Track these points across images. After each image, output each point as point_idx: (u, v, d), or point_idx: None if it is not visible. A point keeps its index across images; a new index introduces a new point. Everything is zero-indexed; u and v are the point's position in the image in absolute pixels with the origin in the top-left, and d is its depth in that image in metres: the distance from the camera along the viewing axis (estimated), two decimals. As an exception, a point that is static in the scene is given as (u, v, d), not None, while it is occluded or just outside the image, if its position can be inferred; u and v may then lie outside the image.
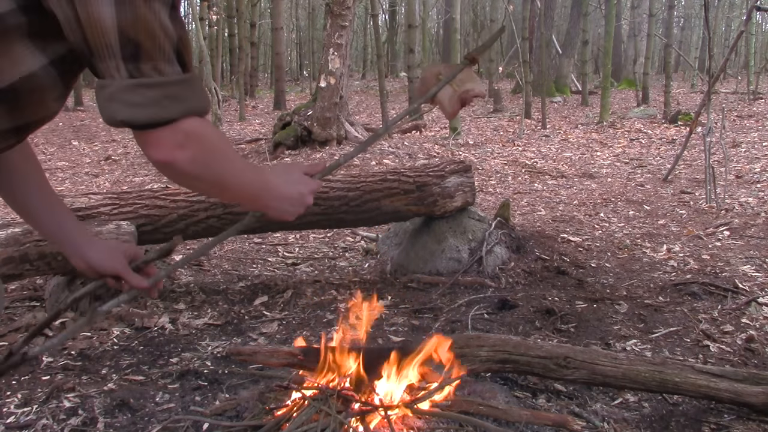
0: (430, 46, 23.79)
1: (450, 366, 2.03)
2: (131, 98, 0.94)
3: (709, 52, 7.29)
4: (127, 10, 0.91)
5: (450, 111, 1.42)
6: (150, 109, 0.94)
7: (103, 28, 0.92)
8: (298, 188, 1.17)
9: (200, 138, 1.00)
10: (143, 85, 0.94)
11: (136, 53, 0.93)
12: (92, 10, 0.91)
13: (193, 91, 0.99)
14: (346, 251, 4.52)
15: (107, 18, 0.91)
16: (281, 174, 1.18)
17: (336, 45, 8.81)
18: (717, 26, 23.24)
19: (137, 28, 0.92)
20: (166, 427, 2.05)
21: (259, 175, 1.13)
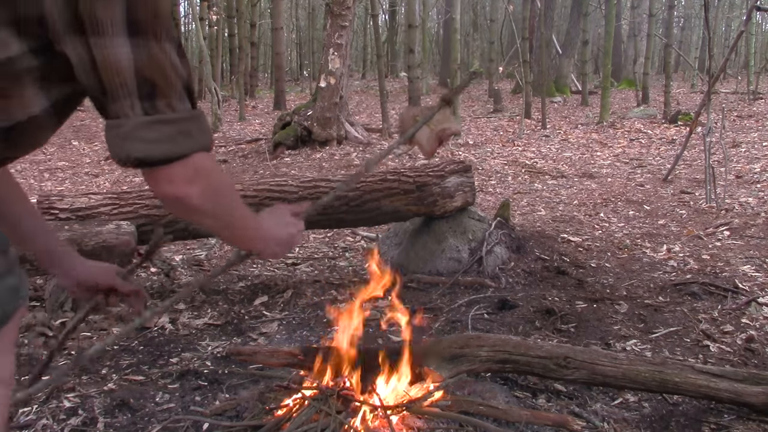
0: (430, 46, 23.81)
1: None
2: (147, 135, 0.97)
3: (709, 52, 7.28)
4: (142, 51, 0.95)
5: (428, 150, 1.50)
6: (165, 145, 0.98)
7: (120, 69, 0.95)
8: (287, 230, 1.24)
9: (208, 173, 1.04)
10: (159, 122, 0.98)
11: (151, 92, 0.97)
12: (109, 51, 0.94)
13: (201, 127, 1.04)
14: (346, 251, 4.52)
15: (124, 59, 0.95)
16: (271, 217, 1.24)
17: (336, 45, 8.82)
18: (717, 26, 23.25)
19: (152, 67, 0.96)
20: (166, 427, 2.05)
21: (256, 220, 1.19)
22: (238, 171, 8.08)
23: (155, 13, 0.98)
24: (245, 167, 8.31)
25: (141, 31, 0.96)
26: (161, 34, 0.98)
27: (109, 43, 0.94)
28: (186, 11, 27.68)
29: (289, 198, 3.45)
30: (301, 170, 7.81)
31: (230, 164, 8.54)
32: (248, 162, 8.63)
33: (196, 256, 4.29)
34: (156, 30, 0.97)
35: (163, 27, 0.99)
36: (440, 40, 26.43)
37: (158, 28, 0.98)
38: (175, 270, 3.93)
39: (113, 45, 0.94)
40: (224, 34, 17.87)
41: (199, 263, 4.14)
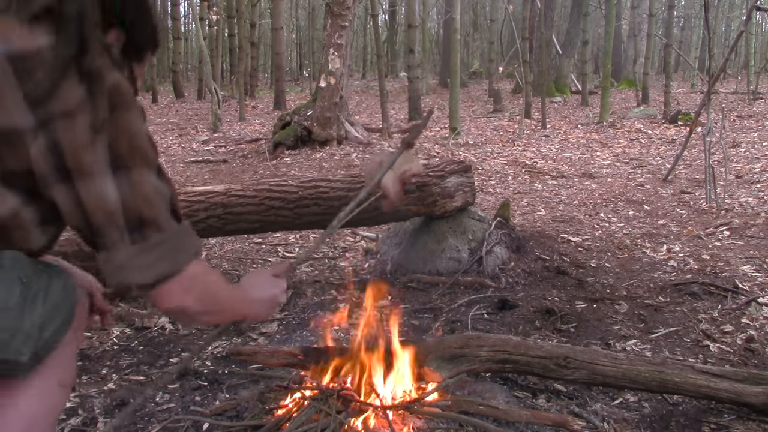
0: (430, 46, 23.81)
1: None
2: (140, 262, 1.02)
3: (709, 52, 7.28)
4: (126, 185, 1.00)
5: (393, 193, 1.57)
6: (158, 267, 1.04)
7: (107, 208, 1.00)
8: (270, 291, 1.30)
9: (202, 278, 1.10)
10: (149, 248, 1.03)
11: (139, 223, 1.02)
12: (95, 192, 0.99)
13: (188, 238, 1.09)
14: (346, 251, 4.52)
15: (110, 197, 0.99)
16: (253, 282, 1.30)
17: (336, 45, 8.82)
18: (717, 26, 23.25)
19: (137, 199, 1.01)
20: (166, 427, 2.05)
21: (241, 291, 1.26)
22: (238, 171, 8.08)
23: (134, 145, 1.02)
24: (245, 167, 8.31)
25: (123, 165, 1.00)
26: (141, 162, 1.03)
27: (95, 184, 0.99)
28: (186, 11, 27.70)
29: (289, 198, 3.45)
30: (301, 170, 7.81)
31: (230, 164, 8.54)
32: (248, 162, 8.64)
33: (196, 256, 4.29)
34: (136, 160, 1.02)
35: (143, 155, 1.03)
36: (440, 40, 26.42)
37: (138, 158, 1.02)
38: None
39: (99, 184, 0.99)
40: (224, 34, 17.88)
41: (199, 263, 4.14)
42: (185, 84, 21.92)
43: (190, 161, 8.71)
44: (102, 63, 1.00)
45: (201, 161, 8.69)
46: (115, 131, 1.00)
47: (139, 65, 1.18)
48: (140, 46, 1.15)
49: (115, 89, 1.01)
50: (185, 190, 3.48)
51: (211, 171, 8.13)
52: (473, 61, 25.88)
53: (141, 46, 1.15)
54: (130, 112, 1.03)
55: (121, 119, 1.01)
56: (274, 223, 3.55)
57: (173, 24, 20.55)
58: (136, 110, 1.05)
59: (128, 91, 1.04)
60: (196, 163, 8.59)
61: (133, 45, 1.12)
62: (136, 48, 1.14)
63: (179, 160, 8.87)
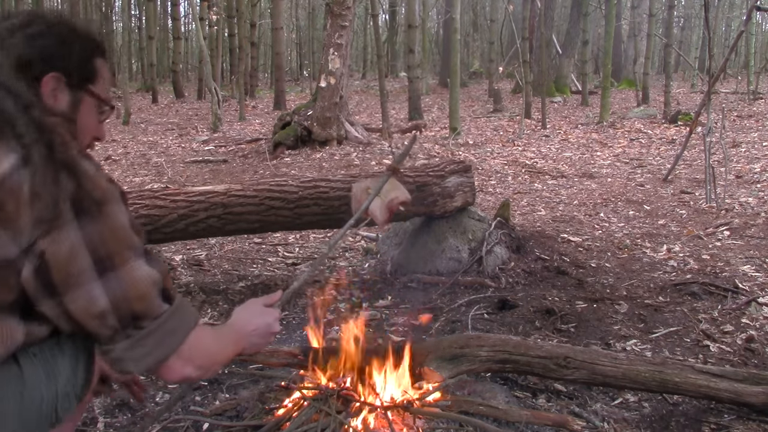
0: (430, 46, 23.81)
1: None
2: (136, 353, 1.05)
3: (709, 52, 7.28)
4: (114, 285, 1.01)
5: (381, 220, 1.59)
6: (155, 354, 1.06)
7: (97, 313, 1.01)
8: (264, 320, 1.31)
9: (200, 345, 1.12)
10: (143, 337, 1.04)
11: (132, 319, 1.03)
12: (83, 302, 1.00)
13: (183, 316, 1.11)
14: (346, 251, 4.52)
15: (100, 303, 1.00)
16: (245, 315, 1.31)
17: (336, 45, 8.82)
18: (717, 26, 23.25)
19: (128, 296, 1.02)
20: (166, 427, 2.05)
21: (235, 331, 1.26)
22: (238, 171, 8.08)
23: (117, 241, 1.03)
24: (245, 167, 8.31)
25: (108, 267, 1.01)
26: (127, 256, 1.03)
27: (83, 294, 1.00)
28: (186, 11, 27.70)
29: (289, 198, 3.45)
30: (301, 170, 7.81)
31: (230, 164, 8.54)
32: (248, 162, 8.63)
33: (196, 256, 4.29)
34: (122, 256, 1.03)
35: (128, 248, 1.04)
36: (440, 40, 26.42)
37: (123, 254, 1.03)
38: (175, 270, 3.93)
39: (87, 293, 1.00)
40: (224, 34, 17.88)
41: (199, 263, 4.14)
42: (185, 84, 21.92)
43: (190, 161, 8.71)
44: (70, 164, 1.00)
45: (201, 161, 8.69)
46: (97, 233, 1.00)
47: (95, 84, 1.19)
48: (83, 71, 1.16)
49: (86, 192, 1.00)
50: (185, 190, 3.48)
51: (211, 171, 8.13)
52: (473, 61, 25.88)
53: (83, 70, 1.16)
54: (107, 207, 1.03)
55: (100, 219, 1.01)
56: (274, 223, 3.55)
57: (173, 24, 20.54)
58: (113, 202, 1.04)
59: (102, 188, 1.03)
60: (196, 163, 8.59)
61: (75, 74, 1.14)
62: (80, 75, 1.15)
63: (179, 160, 8.87)
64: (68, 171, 0.99)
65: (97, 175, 1.04)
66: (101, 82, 1.21)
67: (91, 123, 1.21)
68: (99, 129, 1.24)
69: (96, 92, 1.19)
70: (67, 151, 1.01)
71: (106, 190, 1.04)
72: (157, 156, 9.26)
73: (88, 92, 1.18)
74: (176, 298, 1.11)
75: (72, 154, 1.02)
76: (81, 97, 1.17)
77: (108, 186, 1.05)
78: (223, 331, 1.25)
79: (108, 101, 1.24)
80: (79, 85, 1.16)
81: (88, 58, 1.17)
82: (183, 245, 4.48)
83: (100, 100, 1.21)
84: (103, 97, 1.21)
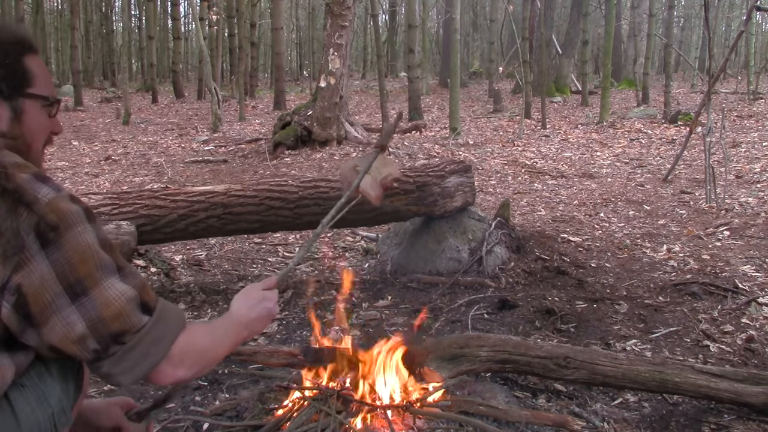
0: (430, 46, 23.82)
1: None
2: (123, 367, 1.05)
3: (709, 52, 7.28)
4: (88, 309, 1.00)
5: (374, 197, 1.58)
6: (143, 363, 1.06)
7: (76, 337, 1.01)
8: (263, 306, 1.29)
9: (191, 346, 1.11)
10: (126, 352, 1.04)
11: (112, 338, 1.03)
12: (60, 329, 1.00)
13: (167, 322, 1.09)
14: (346, 251, 4.52)
15: (77, 327, 1.00)
16: (243, 302, 1.29)
17: (336, 45, 8.81)
18: (717, 26, 23.24)
19: (103, 318, 1.01)
20: (166, 427, 2.05)
21: (233, 321, 1.24)
22: (238, 171, 8.08)
23: (83, 264, 1.01)
24: (245, 167, 8.31)
25: (80, 292, 1.00)
26: (99, 277, 1.02)
27: (59, 321, 1.00)
28: (186, 11, 27.69)
29: (289, 198, 3.45)
30: (301, 170, 7.81)
31: (230, 164, 8.54)
32: (248, 162, 8.63)
33: (196, 256, 4.29)
34: (92, 278, 1.01)
35: (96, 269, 1.02)
36: (440, 40, 26.42)
37: (93, 275, 1.01)
38: (175, 270, 3.93)
39: (62, 320, 1.00)
40: (224, 34, 17.87)
41: (199, 263, 4.14)
42: (185, 84, 21.92)
43: (190, 161, 8.71)
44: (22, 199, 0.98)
45: (201, 161, 8.69)
46: (63, 260, 0.99)
47: (33, 85, 1.12)
48: (14, 78, 1.10)
49: (45, 220, 0.98)
50: (185, 190, 3.48)
51: (211, 171, 8.13)
52: (473, 61, 25.89)
53: (14, 76, 1.10)
54: (69, 232, 1.00)
55: (63, 245, 0.99)
56: (274, 223, 3.55)
57: (173, 24, 20.54)
58: (75, 224, 1.01)
59: (61, 212, 1.00)
60: (196, 163, 8.58)
61: (7, 84, 1.08)
62: (12, 83, 1.09)
63: (179, 160, 8.87)
64: (21, 202, 0.97)
65: (54, 199, 1.00)
66: (39, 79, 1.14)
67: (41, 123, 1.15)
68: (54, 124, 1.19)
69: (36, 93, 1.12)
70: (15, 181, 0.98)
71: (66, 213, 1.00)
72: (157, 156, 9.26)
73: (27, 96, 1.11)
74: (157, 307, 1.09)
75: (20, 185, 0.99)
76: (21, 104, 1.10)
77: (68, 208, 1.01)
78: (220, 324, 1.23)
79: (51, 96, 1.16)
80: (14, 93, 1.09)
81: (16, 62, 1.10)
82: (183, 245, 4.48)
83: (43, 98, 1.14)
84: (45, 95, 1.14)
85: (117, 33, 28.56)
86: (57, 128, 1.20)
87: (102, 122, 13.43)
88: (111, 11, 27.13)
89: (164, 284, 3.64)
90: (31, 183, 1.00)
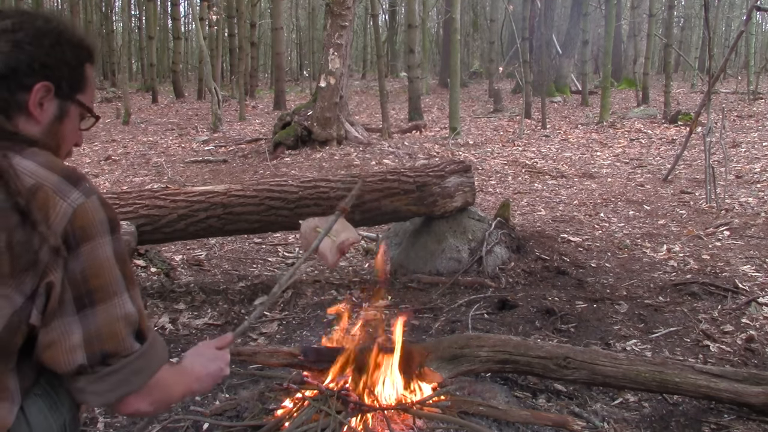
0: (430, 46, 23.79)
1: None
2: (99, 388, 1.03)
3: (709, 52, 7.28)
4: (90, 322, 1.00)
5: (332, 261, 1.63)
6: (117, 391, 1.04)
7: (68, 347, 1.00)
8: (216, 364, 1.28)
9: (161, 385, 1.11)
10: (108, 374, 1.03)
11: (101, 357, 1.02)
12: (56, 332, 0.99)
13: (152, 356, 1.09)
14: (346, 251, 4.52)
15: (74, 338, 1.00)
16: (197, 359, 1.27)
17: (336, 45, 8.81)
18: (717, 26, 23.23)
19: (101, 335, 1.01)
20: (166, 427, 2.05)
21: (187, 374, 1.23)
22: (238, 171, 8.08)
23: (97, 278, 1.00)
24: (245, 167, 8.31)
25: (89, 303, 1.00)
26: (109, 295, 1.02)
27: (58, 326, 0.99)
28: (186, 11, 27.69)
29: (289, 198, 3.45)
30: (301, 170, 7.81)
31: (230, 164, 8.54)
32: (248, 162, 8.63)
33: (196, 256, 4.29)
34: (104, 292, 1.01)
35: (109, 283, 1.02)
36: (440, 40, 26.41)
37: (103, 292, 1.01)
38: (175, 270, 3.93)
39: (62, 325, 0.99)
40: (224, 34, 17.87)
41: (199, 263, 4.14)
42: (185, 84, 21.92)
43: (190, 161, 8.71)
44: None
45: (201, 161, 8.69)
46: (80, 270, 0.99)
47: (84, 93, 1.14)
48: (72, 80, 1.11)
49: (73, 228, 0.98)
50: (185, 190, 3.48)
51: (211, 171, 8.12)
52: (473, 61, 25.88)
53: (73, 79, 1.12)
54: (92, 242, 1.00)
55: (84, 255, 0.99)
56: (274, 223, 3.55)
57: (173, 24, 20.54)
58: (98, 236, 1.01)
59: (90, 219, 1.00)
60: (196, 163, 8.58)
61: (65, 83, 1.10)
62: (69, 85, 1.11)
63: (179, 160, 8.87)
64: (36, 213, 0.97)
65: (83, 205, 1.00)
66: (89, 91, 1.16)
67: (74, 131, 1.17)
68: (79, 136, 1.20)
69: (83, 102, 1.15)
70: (25, 191, 0.98)
71: (90, 223, 1.00)
72: (157, 156, 9.26)
73: (76, 102, 1.13)
74: (149, 336, 1.09)
75: (43, 196, 0.99)
76: (68, 107, 1.12)
77: (94, 217, 1.01)
78: (179, 371, 1.22)
79: (93, 111, 1.19)
80: (68, 95, 1.11)
81: (79, 66, 1.13)
82: (183, 245, 4.48)
83: (87, 110, 1.16)
84: (89, 107, 1.17)
85: (117, 33, 28.53)
86: (80, 141, 1.22)
87: (102, 122, 13.43)
88: (111, 11, 27.11)
89: (164, 284, 3.64)
90: (59, 187, 0.99)
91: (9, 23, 1.06)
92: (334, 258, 1.63)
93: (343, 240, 1.63)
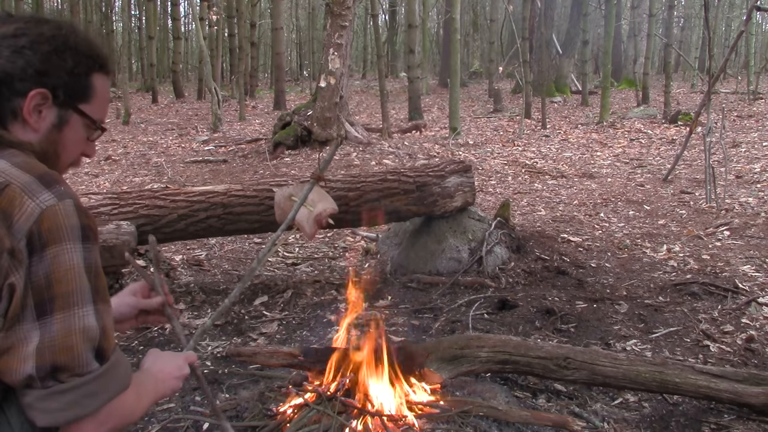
0: (430, 46, 23.80)
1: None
2: (48, 406, 0.96)
3: (709, 52, 7.28)
4: (46, 330, 0.94)
5: (309, 232, 1.53)
6: (68, 412, 0.97)
7: (23, 354, 0.94)
8: (175, 362, 1.25)
9: (121, 409, 1.03)
10: (60, 392, 0.96)
11: (52, 370, 0.95)
12: (13, 339, 0.94)
13: (111, 380, 1.02)
14: (346, 251, 4.52)
15: (30, 346, 0.94)
16: (160, 360, 1.24)
17: (336, 45, 8.81)
18: (717, 26, 23.22)
19: (54, 346, 0.95)
20: (166, 427, 2.05)
21: (155, 379, 1.19)
22: (238, 171, 8.08)
23: (61, 283, 0.95)
24: (245, 167, 8.31)
25: (49, 310, 0.95)
26: (70, 301, 0.96)
27: (17, 331, 0.94)
28: (186, 11, 27.69)
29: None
30: (301, 170, 7.81)
31: (230, 164, 8.54)
32: (248, 162, 8.63)
33: (196, 256, 4.29)
34: (65, 300, 0.96)
35: (72, 293, 0.96)
36: (440, 40, 26.41)
37: (67, 298, 0.96)
38: (175, 270, 3.93)
39: (20, 331, 0.94)
40: (224, 34, 17.88)
41: (199, 263, 4.14)
42: (185, 84, 21.92)
43: (190, 161, 8.71)
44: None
45: (201, 161, 8.69)
46: (43, 274, 0.94)
47: (89, 102, 1.10)
48: (72, 88, 1.08)
49: (39, 230, 0.94)
50: (185, 190, 3.48)
51: (211, 171, 8.12)
52: (473, 61, 25.87)
53: (73, 87, 1.08)
54: (59, 246, 0.95)
55: (49, 259, 0.94)
56: (274, 223, 3.54)
57: (173, 24, 20.54)
58: (66, 241, 0.96)
59: (59, 223, 0.95)
60: (196, 163, 8.58)
61: (63, 91, 1.06)
62: (68, 93, 1.07)
63: (179, 160, 8.87)
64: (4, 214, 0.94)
65: (52, 207, 0.95)
66: (97, 101, 1.12)
67: (77, 141, 1.12)
68: (88, 147, 1.16)
69: (86, 112, 1.10)
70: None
71: (59, 226, 0.95)
72: (157, 156, 9.26)
73: (77, 111, 1.09)
74: (110, 359, 1.02)
75: (10, 195, 0.95)
76: (68, 116, 1.08)
77: (63, 221, 0.96)
78: (143, 383, 1.15)
79: (100, 121, 1.14)
80: (67, 103, 1.07)
81: (82, 75, 1.09)
82: (183, 245, 4.48)
83: (90, 120, 1.12)
84: (93, 118, 1.12)
85: (117, 33, 28.52)
86: (90, 152, 1.18)
87: (102, 122, 13.42)
88: (111, 11, 27.10)
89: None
90: (29, 186, 0.96)
91: (12, 28, 1.04)
92: (312, 229, 1.54)
93: (321, 211, 1.54)
